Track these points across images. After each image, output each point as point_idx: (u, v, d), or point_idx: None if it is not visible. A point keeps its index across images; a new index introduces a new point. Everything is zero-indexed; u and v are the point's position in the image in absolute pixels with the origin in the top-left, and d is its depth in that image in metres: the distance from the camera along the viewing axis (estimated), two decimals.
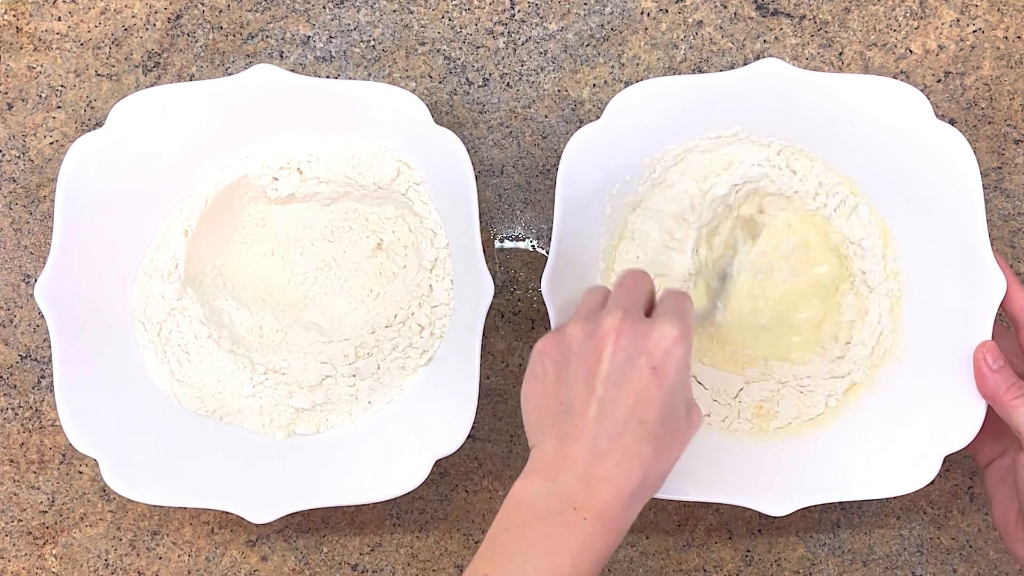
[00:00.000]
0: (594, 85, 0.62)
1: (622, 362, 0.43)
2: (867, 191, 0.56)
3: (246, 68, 0.56)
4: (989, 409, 0.51)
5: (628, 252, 0.59)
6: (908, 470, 0.53)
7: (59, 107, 0.63)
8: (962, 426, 0.52)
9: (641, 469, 0.43)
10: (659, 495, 0.53)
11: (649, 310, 0.48)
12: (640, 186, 0.57)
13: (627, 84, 0.62)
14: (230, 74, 0.62)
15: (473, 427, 0.54)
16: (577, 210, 0.54)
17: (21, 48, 0.63)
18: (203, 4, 0.63)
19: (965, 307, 0.52)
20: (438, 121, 0.56)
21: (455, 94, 0.63)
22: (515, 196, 0.63)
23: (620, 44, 0.62)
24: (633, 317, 0.45)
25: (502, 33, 0.62)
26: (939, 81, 0.62)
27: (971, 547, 0.63)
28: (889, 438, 0.54)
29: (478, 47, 0.63)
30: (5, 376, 0.64)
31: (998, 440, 0.53)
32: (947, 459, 0.52)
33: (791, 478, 0.55)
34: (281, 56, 0.63)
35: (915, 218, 0.55)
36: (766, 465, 0.56)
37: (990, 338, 0.51)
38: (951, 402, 0.52)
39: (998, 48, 0.61)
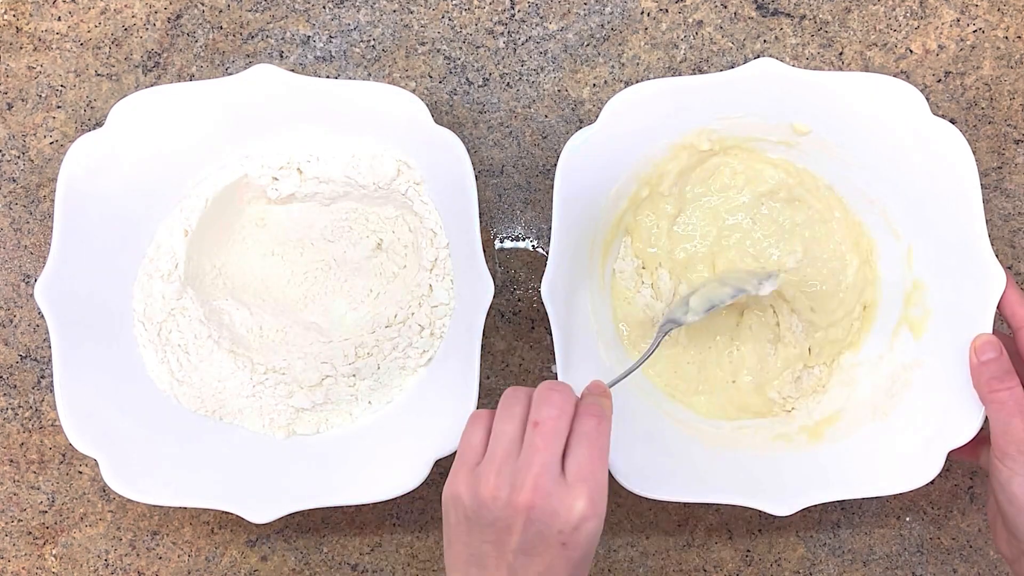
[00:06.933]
0: (594, 85, 0.62)
1: (533, 536, 0.44)
2: (865, 188, 0.56)
3: (246, 68, 0.56)
4: None
5: (627, 250, 0.59)
6: (911, 467, 0.53)
7: (59, 107, 0.63)
8: (965, 421, 0.52)
9: None
10: (660, 496, 0.53)
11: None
12: (637, 186, 0.58)
13: (627, 84, 0.62)
14: (230, 74, 0.62)
15: None
16: (576, 213, 0.54)
17: (21, 48, 0.63)
18: (203, 4, 0.63)
19: (965, 301, 0.52)
20: (438, 121, 0.56)
21: (455, 94, 0.63)
22: (515, 196, 0.63)
23: (620, 44, 0.62)
24: (548, 482, 0.44)
25: (502, 33, 0.62)
26: (939, 81, 0.62)
27: (971, 547, 0.63)
28: (892, 435, 0.54)
29: (478, 47, 0.62)
30: (5, 376, 0.64)
31: None
32: (947, 459, 0.52)
33: (795, 477, 0.55)
34: (281, 56, 0.63)
35: (914, 215, 0.55)
36: (769, 465, 0.56)
37: (990, 331, 0.51)
38: (953, 398, 0.52)
39: (998, 48, 0.61)
